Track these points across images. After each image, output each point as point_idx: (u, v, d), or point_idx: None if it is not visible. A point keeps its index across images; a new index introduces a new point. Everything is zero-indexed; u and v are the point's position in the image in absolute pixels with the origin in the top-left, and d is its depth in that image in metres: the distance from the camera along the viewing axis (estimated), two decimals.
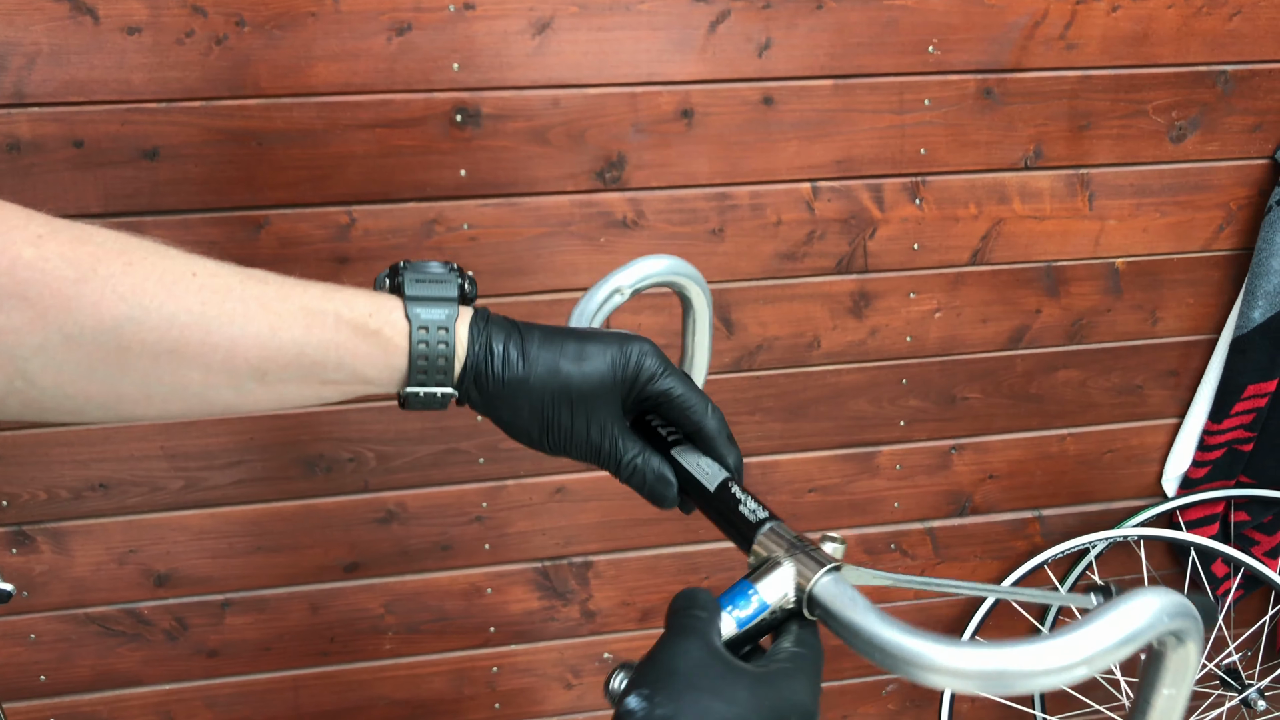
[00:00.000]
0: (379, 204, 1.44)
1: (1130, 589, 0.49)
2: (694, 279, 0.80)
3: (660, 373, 0.67)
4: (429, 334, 0.63)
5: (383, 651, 1.65)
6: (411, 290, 0.64)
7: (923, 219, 1.59)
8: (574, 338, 0.66)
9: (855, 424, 1.69)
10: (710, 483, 0.65)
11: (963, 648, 0.49)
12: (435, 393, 0.64)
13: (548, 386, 0.64)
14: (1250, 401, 1.72)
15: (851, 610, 0.54)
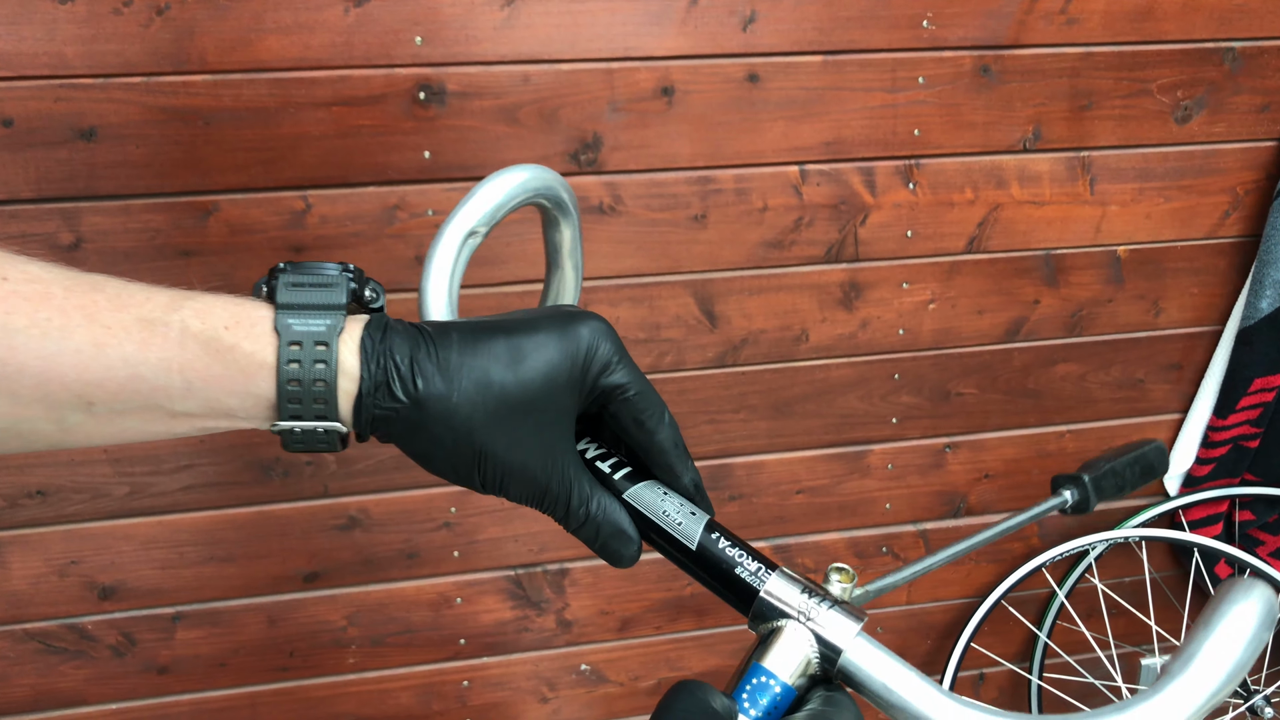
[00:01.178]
0: (336, 188, 1.34)
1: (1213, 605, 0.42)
2: (560, 188, 0.64)
3: (615, 362, 0.53)
4: (302, 351, 0.48)
5: (346, 666, 1.55)
6: (285, 296, 0.50)
7: (916, 204, 1.50)
8: (503, 332, 0.52)
9: (845, 422, 1.60)
10: (689, 537, 0.53)
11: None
12: (316, 429, 0.50)
13: (477, 407, 0.50)
14: (1257, 396, 1.65)
15: (894, 681, 0.45)
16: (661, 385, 1.51)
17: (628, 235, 1.43)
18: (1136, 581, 1.80)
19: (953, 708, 0.42)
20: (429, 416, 0.50)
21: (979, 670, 1.81)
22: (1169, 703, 0.40)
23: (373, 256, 1.37)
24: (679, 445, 0.55)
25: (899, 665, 0.45)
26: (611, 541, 0.54)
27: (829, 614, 0.47)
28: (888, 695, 0.45)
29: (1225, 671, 0.40)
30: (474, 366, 0.50)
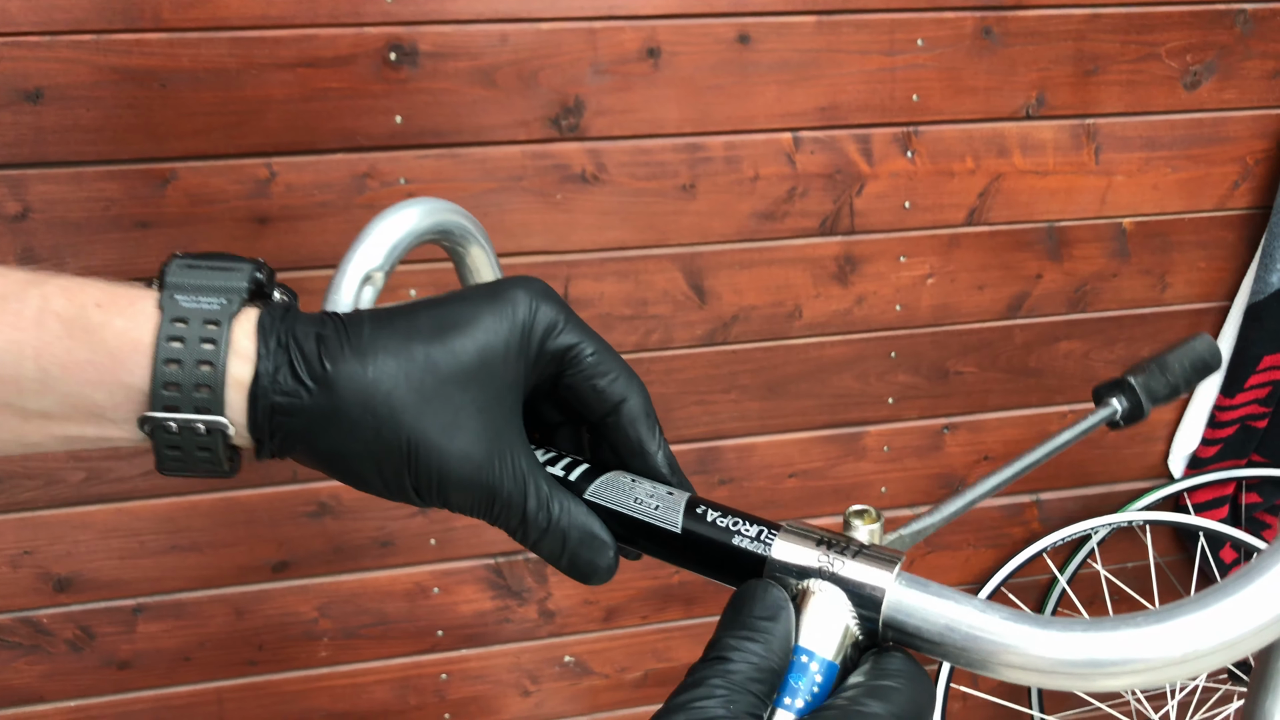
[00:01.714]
0: (302, 155, 1.27)
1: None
2: (466, 226, 0.58)
3: (563, 322, 0.44)
4: (188, 328, 0.40)
5: (317, 659, 1.48)
6: (176, 277, 0.41)
7: (915, 174, 1.43)
8: (423, 306, 0.43)
9: (840, 402, 1.53)
10: (671, 521, 0.44)
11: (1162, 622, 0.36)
12: (196, 425, 0.40)
13: (399, 381, 0.41)
14: (1266, 374, 1.59)
15: (954, 620, 0.38)
16: (649, 364, 1.44)
17: (612, 206, 1.35)
18: (1140, 566, 1.74)
19: (1037, 634, 0.36)
20: (342, 401, 0.40)
21: None
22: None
23: (341, 228, 1.29)
24: (650, 415, 0.47)
25: (954, 602, 0.38)
26: (582, 550, 0.44)
27: (856, 564, 0.40)
28: (949, 638, 0.38)
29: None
30: (392, 339, 0.41)
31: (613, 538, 0.45)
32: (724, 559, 0.42)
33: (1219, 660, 0.35)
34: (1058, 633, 0.36)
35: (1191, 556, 1.73)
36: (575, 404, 0.46)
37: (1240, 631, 0.35)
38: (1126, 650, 0.35)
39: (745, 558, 0.42)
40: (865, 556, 0.40)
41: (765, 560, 0.41)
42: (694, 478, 1.51)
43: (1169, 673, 0.35)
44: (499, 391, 0.43)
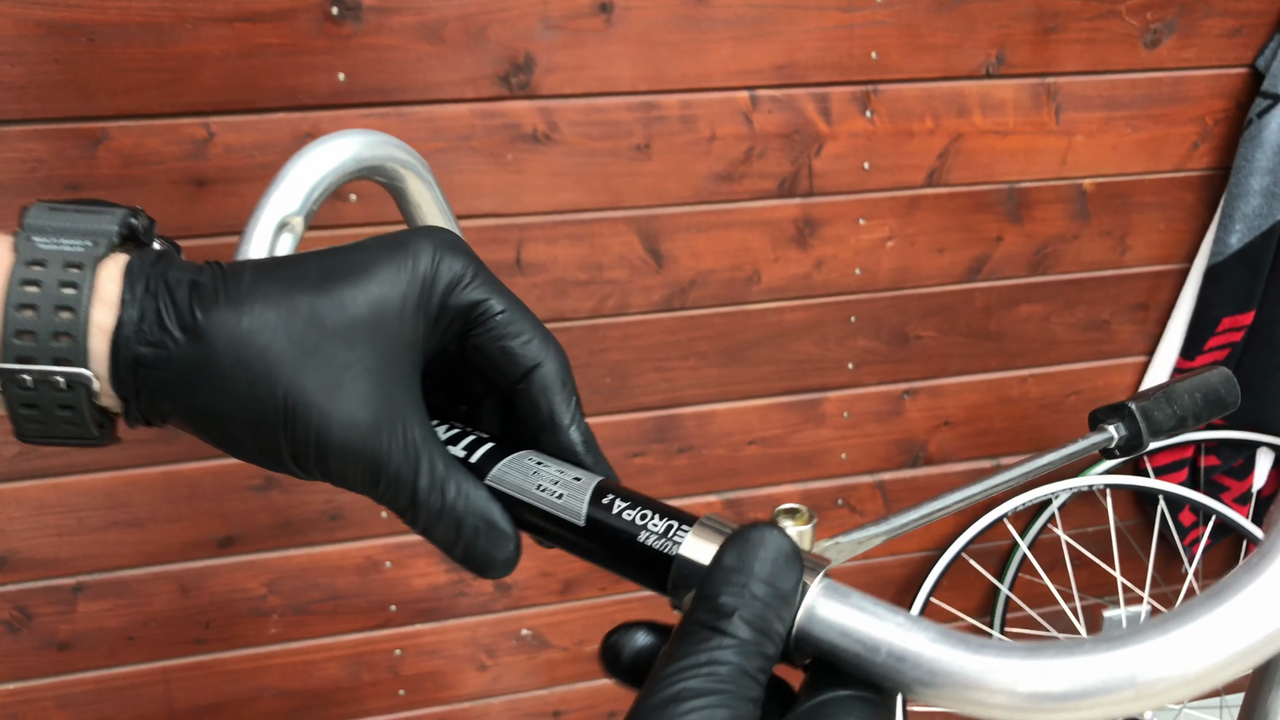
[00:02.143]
0: (241, 114, 1.22)
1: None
2: (401, 158, 0.53)
3: (470, 276, 0.39)
4: (45, 271, 0.35)
5: (267, 637, 1.44)
6: (36, 219, 0.37)
7: (874, 134, 1.41)
8: (319, 253, 0.39)
9: (799, 368, 1.51)
10: (574, 511, 0.39)
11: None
12: (54, 377, 0.35)
13: (278, 331, 0.36)
14: (1225, 336, 1.58)
15: (872, 639, 0.33)
16: (605, 330, 1.41)
17: (565, 166, 1.32)
18: (1100, 531, 1.73)
19: (969, 658, 0.31)
20: (212, 352, 0.35)
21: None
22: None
23: None
24: (566, 384, 0.42)
25: (877, 618, 0.33)
26: (478, 540, 0.38)
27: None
28: (867, 661, 0.32)
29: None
30: (274, 288, 0.37)
31: (514, 527, 0.40)
32: (630, 555, 0.38)
33: (1171, 695, 0.30)
34: (993, 658, 0.31)
35: (1151, 520, 1.73)
36: (487, 369, 0.41)
37: (1203, 665, 0.30)
38: (1082, 678, 0.30)
39: (651, 556, 0.37)
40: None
41: (672, 560, 0.36)
42: (652, 446, 1.48)
43: (1133, 706, 0.30)
44: (393, 351, 0.38)
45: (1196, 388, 0.72)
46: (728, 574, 0.33)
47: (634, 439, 1.47)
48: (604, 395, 1.43)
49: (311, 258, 0.38)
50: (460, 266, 0.39)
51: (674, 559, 0.36)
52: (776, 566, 0.33)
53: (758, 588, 0.32)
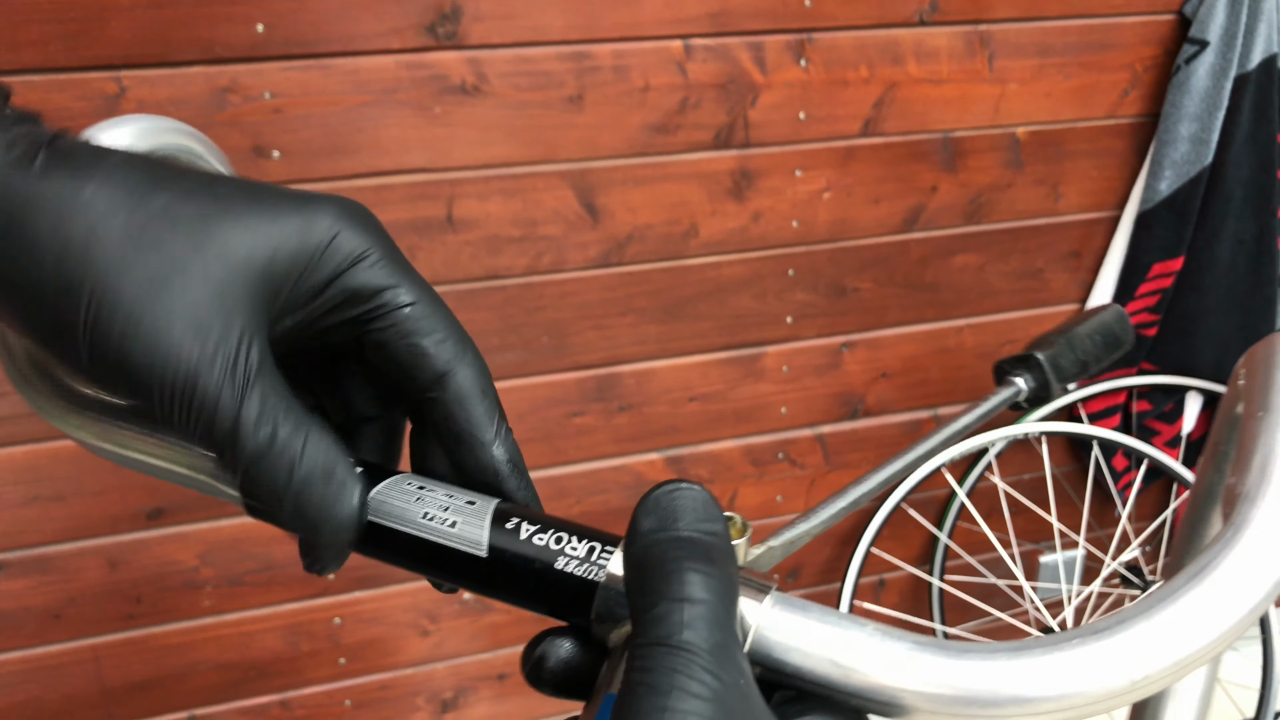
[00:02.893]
0: (155, 68, 1.16)
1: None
2: (186, 147, 0.46)
3: (371, 255, 0.33)
4: None
5: (201, 609, 1.40)
6: None
7: (809, 83, 1.39)
8: (199, 173, 0.32)
9: (738, 323, 1.50)
10: (474, 541, 0.33)
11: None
12: None
13: (118, 218, 0.30)
14: (1155, 282, 1.60)
15: (835, 661, 0.29)
16: (541, 289, 1.38)
17: (495, 119, 1.28)
18: (1036, 478, 1.76)
19: (923, 661, 0.28)
20: (33, 210, 0.30)
21: (879, 576, 1.76)
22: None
23: None
24: (488, 393, 0.35)
25: (843, 629, 0.29)
26: (314, 487, 0.31)
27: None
28: (844, 684, 0.29)
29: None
30: (135, 175, 0.31)
31: (362, 493, 0.33)
32: (547, 586, 0.32)
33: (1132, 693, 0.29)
34: (978, 662, 0.28)
35: (1086, 466, 1.76)
36: (391, 372, 0.35)
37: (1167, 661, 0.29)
38: (1059, 683, 0.29)
39: (572, 584, 0.32)
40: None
41: (595, 588, 0.31)
42: (592, 406, 1.46)
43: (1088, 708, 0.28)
44: (249, 286, 0.31)
45: (1095, 330, 0.70)
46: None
47: (573, 398, 1.45)
48: (541, 355, 1.41)
49: (194, 172, 0.32)
50: (363, 243, 0.33)
51: (598, 586, 0.31)
52: (697, 517, 0.29)
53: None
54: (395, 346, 0.34)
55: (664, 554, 0.28)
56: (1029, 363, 0.65)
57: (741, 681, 0.27)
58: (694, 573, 0.28)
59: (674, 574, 0.28)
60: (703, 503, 0.30)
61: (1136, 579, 1.79)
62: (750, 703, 0.26)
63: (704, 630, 0.26)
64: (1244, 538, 0.30)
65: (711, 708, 0.25)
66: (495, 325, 1.37)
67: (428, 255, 1.31)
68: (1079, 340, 0.67)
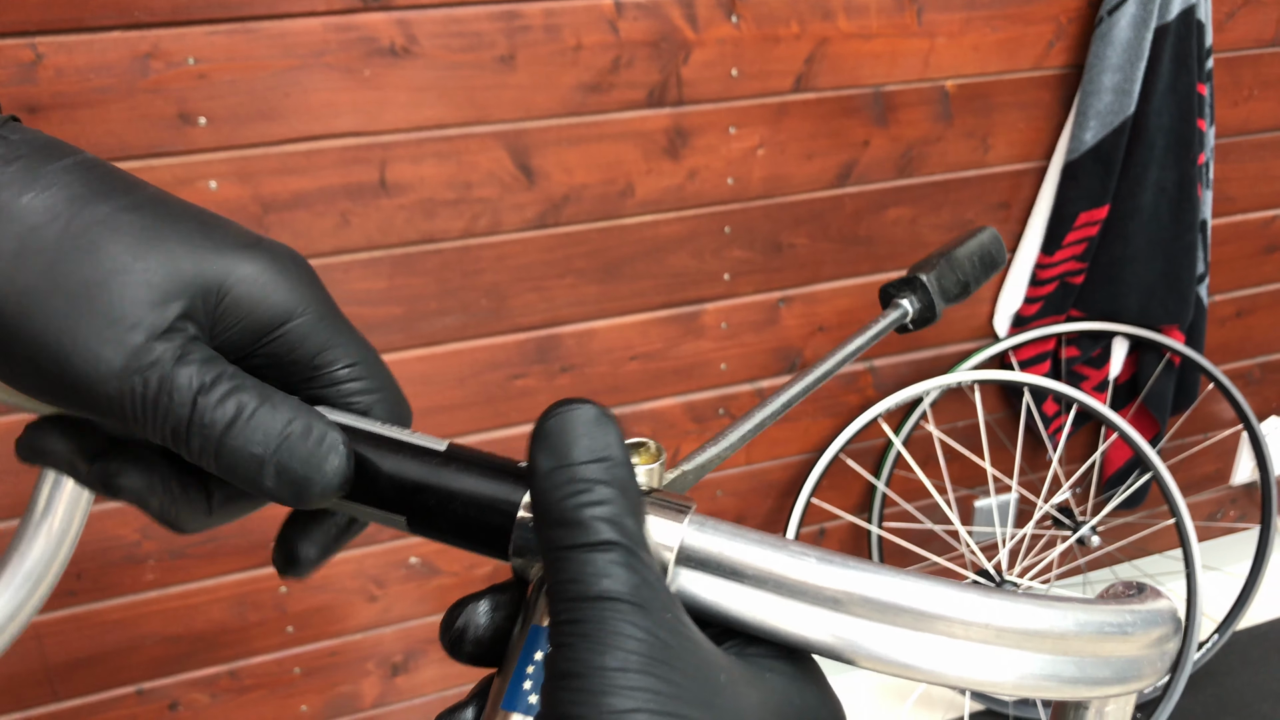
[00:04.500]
0: (72, 33, 1.13)
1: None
2: None
3: (309, 311, 0.33)
4: None
5: (144, 583, 1.39)
6: None
7: (740, 40, 1.39)
8: (160, 195, 0.32)
9: (676, 281, 1.51)
10: (435, 441, 0.33)
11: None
12: None
13: (58, 222, 0.29)
14: (1082, 230, 1.64)
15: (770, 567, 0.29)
16: (478, 251, 1.37)
17: (426, 81, 1.27)
18: (970, 425, 1.80)
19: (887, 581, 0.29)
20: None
21: (820, 525, 1.80)
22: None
23: (126, 115, 1.17)
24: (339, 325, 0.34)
25: (770, 548, 0.30)
26: (291, 451, 0.30)
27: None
28: (758, 608, 0.29)
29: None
30: (83, 182, 0.30)
31: (344, 436, 0.32)
32: (475, 510, 0.32)
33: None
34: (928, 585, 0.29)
35: (1017, 412, 1.80)
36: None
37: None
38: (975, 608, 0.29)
39: (492, 514, 0.31)
40: (648, 506, 0.31)
41: (514, 520, 0.31)
42: (533, 368, 1.47)
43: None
44: (192, 303, 0.30)
45: (974, 251, 0.70)
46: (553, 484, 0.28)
47: (514, 361, 1.45)
48: (481, 318, 1.41)
49: (147, 187, 0.32)
50: (304, 298, 0.32)
51: (515, 520, 0.31)
52: (592, 445, 0.29)
53: (591, 473, 0.28)
54: (335, 404, 0.34)
55: (565, 497, 0.28)
56: (914, 285, 0.65)
57: (668, 616, 0.27)
58: (600, 519, 0.27)
59: (578, 522, 0.27)
60: (594, 424, 0.29)
61: (1068, 520, 1.85)
62: (683, 635, 0.27)
63: (621, 574, 0.27)
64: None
65: (644, 655, 0.26)
66: (433, 289, 1.36)
67: (362, 220, 1.30)
68: (959, 261, 0.68)
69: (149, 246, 0.30)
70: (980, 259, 0.72)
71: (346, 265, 1.32)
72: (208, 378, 0.30)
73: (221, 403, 0.30)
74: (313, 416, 0.31)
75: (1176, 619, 0.33)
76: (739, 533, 0.30)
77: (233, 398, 0.30)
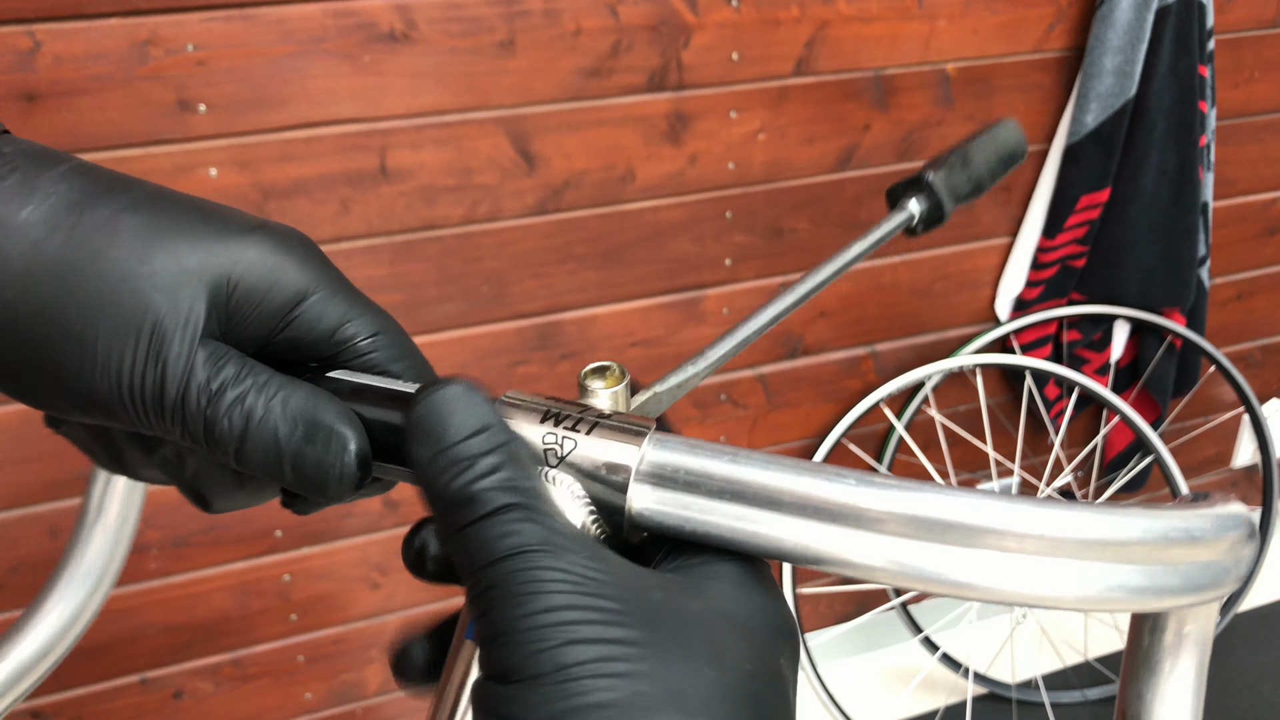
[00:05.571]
0: (70, 21, 1.13)
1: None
2: None
3: (321, 289, 0.34)
4: None
5: (147, 572, 1.39)
6: None
7: (740, 23, 1.39)
8: (158, 191, 0.32)
9: (678, 266, 1.51)
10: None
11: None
12: None
13: (58, 233, 0.30)
14: (1083, 214, 1.64)
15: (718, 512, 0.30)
16: (478, 238, 1.37)
17: (426, 67, 1.26)
18: (972, 409, 1.80)
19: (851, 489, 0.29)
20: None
21: None
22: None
23: (125, 103, 1.17)
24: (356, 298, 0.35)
25: (727, 460, 0.30)
26: (304, 453, 0.31)
27: (592, 442, 0.30)
28: (718, 521, 0.29)
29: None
30: (80, 189, 0.31)
31: (358, 430, 0.32)
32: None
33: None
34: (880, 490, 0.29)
35: (1019, 396, 1.80)
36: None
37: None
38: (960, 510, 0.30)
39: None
40: (606, 429, 0.31)
41: None
42: (534, 355, 1.46)
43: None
44: (203, 299, 0.31)
45: (987, 143, 0.66)
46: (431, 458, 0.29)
47: (515, 348, 1.45)
48: (481, 305, 1.40)
49: (143, 184, 0.32)
50: (313, 275, 0.33)
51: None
52: (460, 419, 0.29)
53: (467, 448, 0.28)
54: (374, 372, 0.34)
55: (450, 480, 0.28)
56: (920, 184, 0.63)
57: (584, 554, 0.27)
58: (490, 489, 0.28)
59: (469, 498, 0.28)
60: (462, 399, 0.29)
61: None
62: (604, 564, 0.27)
63: (524, 529, 0.27)
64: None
65: (567, 592, 0.26)
66: (433, 277, 1.36)
67: (362, 207, 1.30)
68: (972, 156, 0.64)
69: (153, 248, 0.30)
70: (997, 154, 0.67)
71: (347, 252, 1.32)
72: (215, 384, 0.30)
73: (230, 410, 0.30)
74: (323, 413, 0.31)
75: (1249, 522, 0.32)
76: (695, 446, 0.30)
77: (241, 405, 0.30)
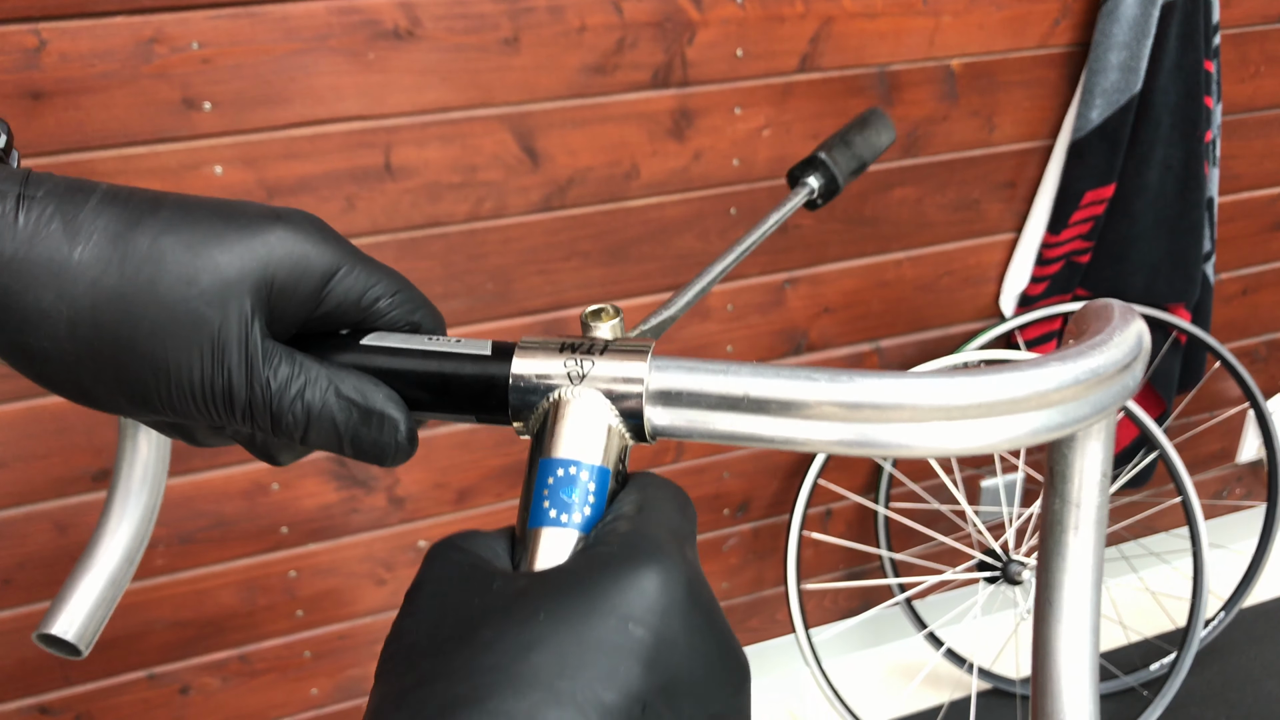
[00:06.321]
0: (75, 19, 1.13)
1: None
2: None
3: (344, 264, 0.37)
4: None
5: (154, 569, 1.40)
6: None
7: (745, 19, 1.39)
8: (181, 204, 0.35)
9: (682, 263, 1.51)
10: (479, 345, 0.40)
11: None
12: None
13: (111, 269, 0.33)
14: (1088, 209, 1.63)
15: (724, 386, 0.36)
16: (483, 235, 1.37)
17: (430, 64, 1.26)
18: None
19: (821, 384, 0.35)
20: (33, 281, 0.32)
21: (826, 506, 1.80)
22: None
23: (130, 101, 1.17)
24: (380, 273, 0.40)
25: (721, 373, 0.36)
26: (361, 436, 0.37)
27: (606, 361, 0.37)
28: (722, 414, 0.36)
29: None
30: (118, 220, 0.33)
31: (405, 411, 0.38)
32: (458, 380, 0.38)
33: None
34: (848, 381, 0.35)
35: None
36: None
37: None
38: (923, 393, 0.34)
39: (482, 382, 0.38)
40: (613, 352, 0.37)
41: (507, 381, 0.38)
42: None
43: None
44: (248, 299, 0.35)
45: (861, 127, 0.81)
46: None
47: None
48: (487, 301, 1.41)
49: (168, 200, 0.35)
50: (336, 253, 0.37)
51: (508, 383, 0.38)
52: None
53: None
54: (398, 327, 0.40)
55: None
56: (816, 164, 0.76)
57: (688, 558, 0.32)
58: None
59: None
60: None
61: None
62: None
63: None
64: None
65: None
66: (439, 274, 1.36)
67: (367, 204, 1.30)
68: (851, 138, 0.79)
69: (196, 269, 0.33)
70: (870, 133, 0.82)
71: None
72: (276, 384, 0.35)
73: (293, 406, 0.35)
74: (373, 397, 0.37)
75: (1139, 343, 0.39)
76: (695, 364, 0.36)
77: (301, 399, 0.36)
